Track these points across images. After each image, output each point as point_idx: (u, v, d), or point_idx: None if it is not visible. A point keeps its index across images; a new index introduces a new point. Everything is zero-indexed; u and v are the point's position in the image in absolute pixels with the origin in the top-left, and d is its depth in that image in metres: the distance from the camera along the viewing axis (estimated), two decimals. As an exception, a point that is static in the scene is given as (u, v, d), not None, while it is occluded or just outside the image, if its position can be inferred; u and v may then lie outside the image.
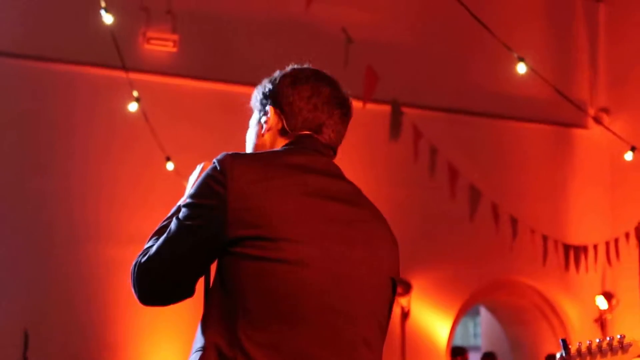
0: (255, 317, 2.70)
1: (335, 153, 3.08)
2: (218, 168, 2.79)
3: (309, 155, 2.95)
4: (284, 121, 3.02)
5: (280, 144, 3.02)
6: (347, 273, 2.80)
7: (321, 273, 2.76)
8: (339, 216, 2.86)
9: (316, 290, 2.74)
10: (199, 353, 2.73)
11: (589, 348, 3.53)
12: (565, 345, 3.58)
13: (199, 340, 2.77)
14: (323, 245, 2.78)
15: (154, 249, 2.86)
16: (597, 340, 3.54)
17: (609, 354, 3.49)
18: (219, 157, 2.83)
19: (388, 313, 2.99)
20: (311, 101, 3.01)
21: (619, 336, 3.51)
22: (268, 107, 3.06)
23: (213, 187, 2.78)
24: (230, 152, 2.85)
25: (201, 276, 2.89)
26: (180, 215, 2.83)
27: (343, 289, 2.79)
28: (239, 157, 2.85)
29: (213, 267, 2.87)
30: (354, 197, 2.96)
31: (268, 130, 3.06)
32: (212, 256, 2.80)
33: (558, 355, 3.63)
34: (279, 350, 2.51)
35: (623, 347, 3.49)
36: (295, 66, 3.15)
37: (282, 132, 3.03)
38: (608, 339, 3.53)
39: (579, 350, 3.54)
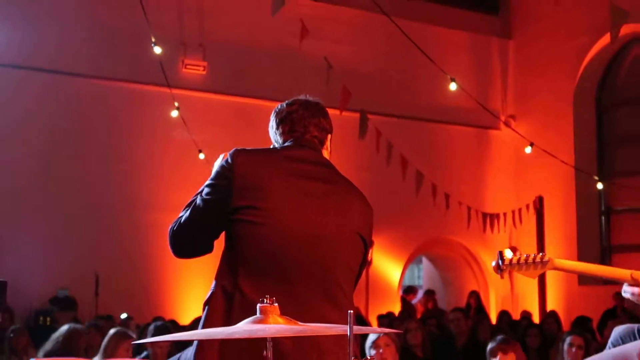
0: (249, 267, 2.79)
1: (320, 145, 3.15)
2: (228, 159, 2.91)
3: (295, 149, 3.02)
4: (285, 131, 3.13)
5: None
6: (322, 234, 2.85)
7: (300, 234, 2.82)
8: (315, 191, 2.92)
9: (295, 247, 2.80)
10: (212, 290, 2.84)
11: (518, 260, 3.54)
12: (501, 255, 3.59)
13: (213, 283, 2.87)
14: (301, 212, 2.85)
15: (183, 217, 2.95)
16: (525, 255, 3.54)
17: (532, 266, 3.51)
18: (230, 151, 2.95)
19: (361, 261, 3.02)
20: (295, 118, 3.12)
21: (541, 253, 3.53)
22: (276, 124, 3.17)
23: (224, 172, 2.90)
24: (238, 148, 2.97)
25: (215, 239, 2.96)
26: (203, 192, 2.93)
27: (319, 245, 2.84)
28: (242, 151, 2.95)
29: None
30: (329, 176, 3.02)
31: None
32: (223, 223, 2.87)
33: (493, 264, 3.64)
34: (265, 290, 2.46)
35: (542, 262, 3.51)
36: (288, 101, 3.23)
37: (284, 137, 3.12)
38: (533, 255, 3.54)
39: (511, 261, 3.54)
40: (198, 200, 2.92)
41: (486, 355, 5.90)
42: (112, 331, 6.27)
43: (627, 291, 3.39)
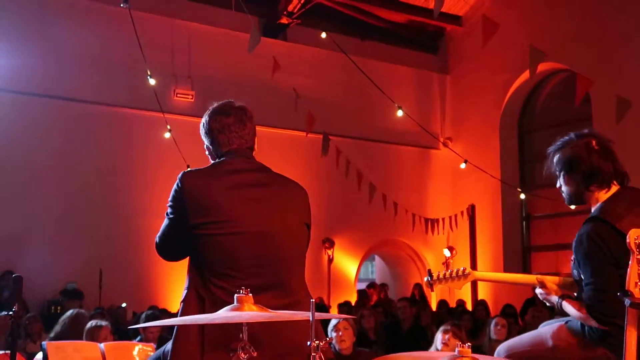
0: (214, 270, 2.74)
1: (251, 151, 3.02)
2: (178, 183, 2.83)
3: (232, 162, 2.91)
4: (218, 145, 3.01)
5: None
6: (269, 231, 2.79)
7: (251, 236, 2.76)
8: (256, 196, 2.83)
9: (249, 247, 2.75)
10: (186, 291, 2.81)
11: (444, 275, 3.56)
12: (430, 273, 3.62)
13: (186, 283, 2.84)
14: (249, 218, 2.78)
15: (159, 233, 2.93)
16: (449, 271, 3.57)
17: (456, 279, 3.54)
18: (179, 175, 2.86)
19: (306, 244, 2.97)
20: (226, 132, 2.98)
21: (462, 268, 3.56)
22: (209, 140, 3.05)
23: (177, 196, 2.82)
24: (185, 171, 2.90)
25: (187, 247, 2.85)
26: (167, 212, 2.88)
27: (268, 242, 2.78)
28: (188, 174, 2.88)
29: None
30: (265, 179, 2.91)
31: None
32: (188, 235, 2.79)
33: (425, 280, 3.66)
34: (229, 288, 2.48)
35: (465, 275, 3.53)
36: (211, 112, 3.11)
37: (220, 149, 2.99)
38: (456, 269, 3.58)
39: (438, 276, 3.57)
40: (165, 220, 2.88)
41: (435, 337, 5.95)
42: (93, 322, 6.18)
43: (536, 292, 3.43)
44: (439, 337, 5.79)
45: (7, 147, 10.49)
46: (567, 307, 3.20)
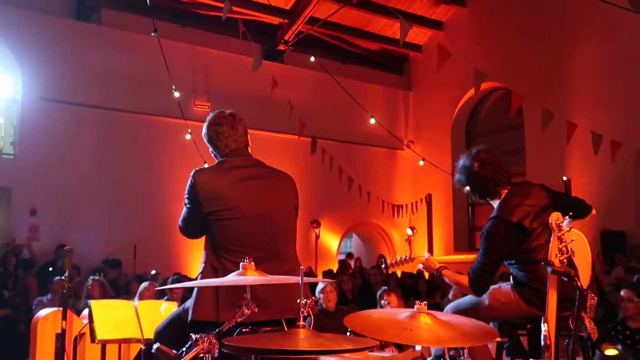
0: (225, 247, 2.74)
1: (246, 148, 2.97)
2: (192, 179, 2.81)
3: (232, 160, 2.89)
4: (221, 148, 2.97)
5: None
6: (267, 214, 2.78)
7: (252, 219, 2.76)
8: (255, 187, 2.82)
9: (251, 228, 2.75)
10: (203, 265, 2.80)
11: (395, 260, 3.55)
12: (384, 258, 3.60)
13: (203, 258, 2.82)
14: (250, 204, 2.77)
15: (181, 218, 2.91)
16: (402, 256, 3.56)
17: (404, 263, 3.53)
18: (192, 172, 2.83)
19: (296, 222, 2.96)
20: (223, 138, 2.94)
21: (407, 255, 3.56)
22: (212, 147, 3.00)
23: (191, 189, 2.80)
24: (197, 169, 2.87)
25: (202, 229, 2.84)
26: (185, 202, 2.85)
27: (266, 222, 2.78)
28: (199, 171, 2.85)
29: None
30: (260, 172, 2.90)
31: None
32: (202, 220, 2.78)
33: (382, 265, 3.67)
34: (237, 260, 2.45)
35: (411, 258, 3.53)
36: (209, 122, 3.00)
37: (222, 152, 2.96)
38: (404, 255, 3.57)
39: (390, 262, 3.56)
40: (184, 208, 2.86)
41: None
42: (144, 283, 6.21)
43: (419, 266, 3.49)
44: (381, 297, 5.85)
45: (60, 148, 10.45)
46: (448, 274, 3.31)
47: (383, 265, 3.61)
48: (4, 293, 8.66)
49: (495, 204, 3.24)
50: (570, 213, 2.98)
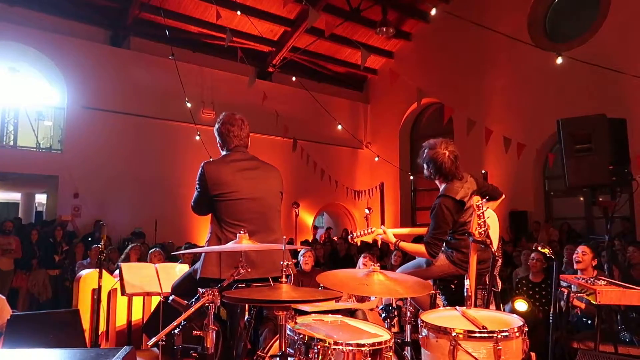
0: (226, 221, 2.70)
1: (246, 147, 2.91)
2: (202, 169, 2.76)
3: (234, 154, 2.84)
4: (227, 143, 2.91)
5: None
6: (259, 196, 2.74)
7: (248, 200, 2.72)
8: (250, 175, 2.77)
9: (247, 207, 2.71)
10: (209, 235, 2.75)
11: (359, 232, 3.50)
12: (351, 233, 3.53)
13: (209, 229, 2.77)
14: (246, 188, 2.73)
15: (193, 199, 2.84)
16: (362, 230, 3.49)
17: (367, 234, 3.47)
18: (202, 163, 2.78)
19: (281, 203, 2.91)
20: (229, 135, 2.88)
21: (370, 228, 3.48)
22: (221, 142, 2.93)
23: (201, 177, 2.75)
24: (206, 161, 2.80)
25: (209, 208, 2.79)
26: (196, 186, 2.79)
27: (258, 203, 2.74)
28: (208, 163, 2.80)
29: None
30: (255, 165, 2.85)
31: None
32: (209, 201, 2.74)
33: (349, 237, 3.59)
34: (236, 232, 2.42)
35: (372, 231, 3.49)
36: (220, 121, 2.90)
37: (227, 146, 2.90)
38: (367, 229, 3.50)
39: (356, 235, 3.51)
40: (195, 192, 2.81)
41: (358, 261, 5.97)
42: (154, 249, 6.10)
43: (379, 237, 3.44)
44: (360, 260, 5.84)
45: (97, 145, 10.24)
46: (404, 245, 3.25)
47: (350, 236, 3.55)
48: (54, 258, 8.58)
49: (442, 186, 3.23)
50: (487, 197, 3.01)
